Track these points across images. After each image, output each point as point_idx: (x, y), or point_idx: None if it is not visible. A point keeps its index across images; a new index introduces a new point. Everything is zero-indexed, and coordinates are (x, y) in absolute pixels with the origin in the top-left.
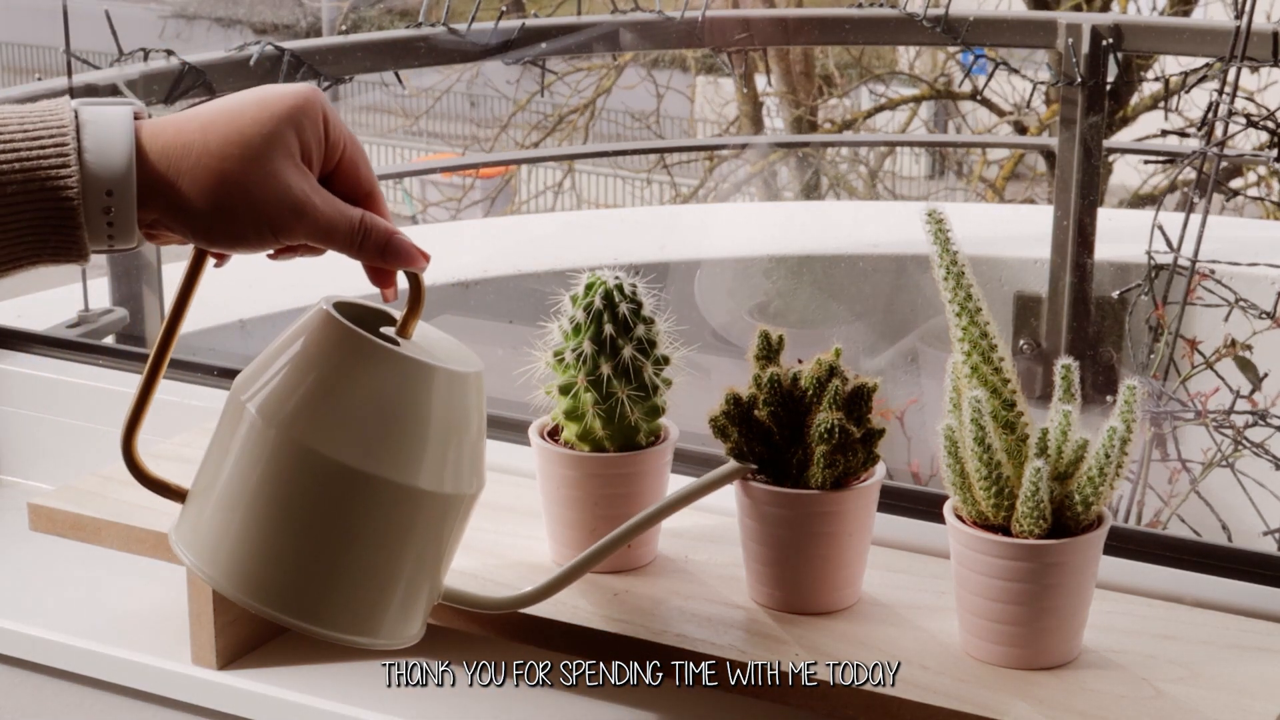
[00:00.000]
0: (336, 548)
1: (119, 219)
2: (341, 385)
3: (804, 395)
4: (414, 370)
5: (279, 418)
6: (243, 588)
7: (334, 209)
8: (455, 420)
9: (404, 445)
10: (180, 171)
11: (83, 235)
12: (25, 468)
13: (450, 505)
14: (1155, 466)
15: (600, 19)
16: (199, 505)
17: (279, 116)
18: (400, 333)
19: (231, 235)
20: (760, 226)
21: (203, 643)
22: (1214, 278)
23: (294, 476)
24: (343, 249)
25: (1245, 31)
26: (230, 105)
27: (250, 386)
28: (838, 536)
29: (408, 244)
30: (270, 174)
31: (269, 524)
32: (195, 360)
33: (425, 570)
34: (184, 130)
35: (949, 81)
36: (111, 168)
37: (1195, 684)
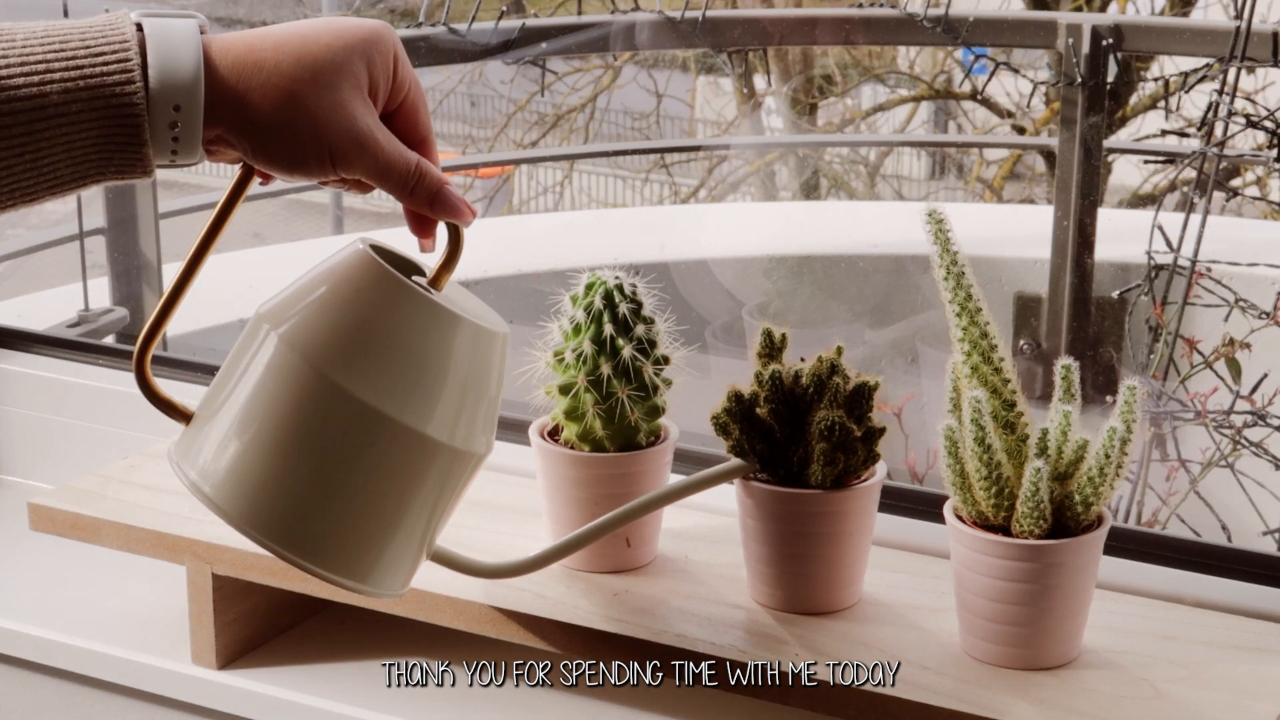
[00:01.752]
0: (341, 485)
1: (185, 133)
2: (369, 324)
3: (805, 393)
4: (443, 318)
5: (303, 348)
6: (240, 514)
7: (394, 148)
8: (476, 376)
9: (423, 391)
10: (251, 87)
11: (148, 152)
12: (25, 468)
13: (458, 460)
14: (1155, 467)
15: (600, 19)
16: (204, 427)
17: (352, 46)
18: (433, 284)
19: (293, 157)
20: (760, 226)
21: (203, 643)
22: (1213, 277)
23: (309, 408)
24: (394, 190)
25: (1245, 32)
26: (304, 29)
27: (276, 315)
28: (838, 536)
29: (457, 196)
30: (339, 103)
31: (276, 452)
32: (195, 360)
33: (422, 523)
34: (256, 47)
35: (949, 81)
36: (179, 81)
37: (1195, 684)
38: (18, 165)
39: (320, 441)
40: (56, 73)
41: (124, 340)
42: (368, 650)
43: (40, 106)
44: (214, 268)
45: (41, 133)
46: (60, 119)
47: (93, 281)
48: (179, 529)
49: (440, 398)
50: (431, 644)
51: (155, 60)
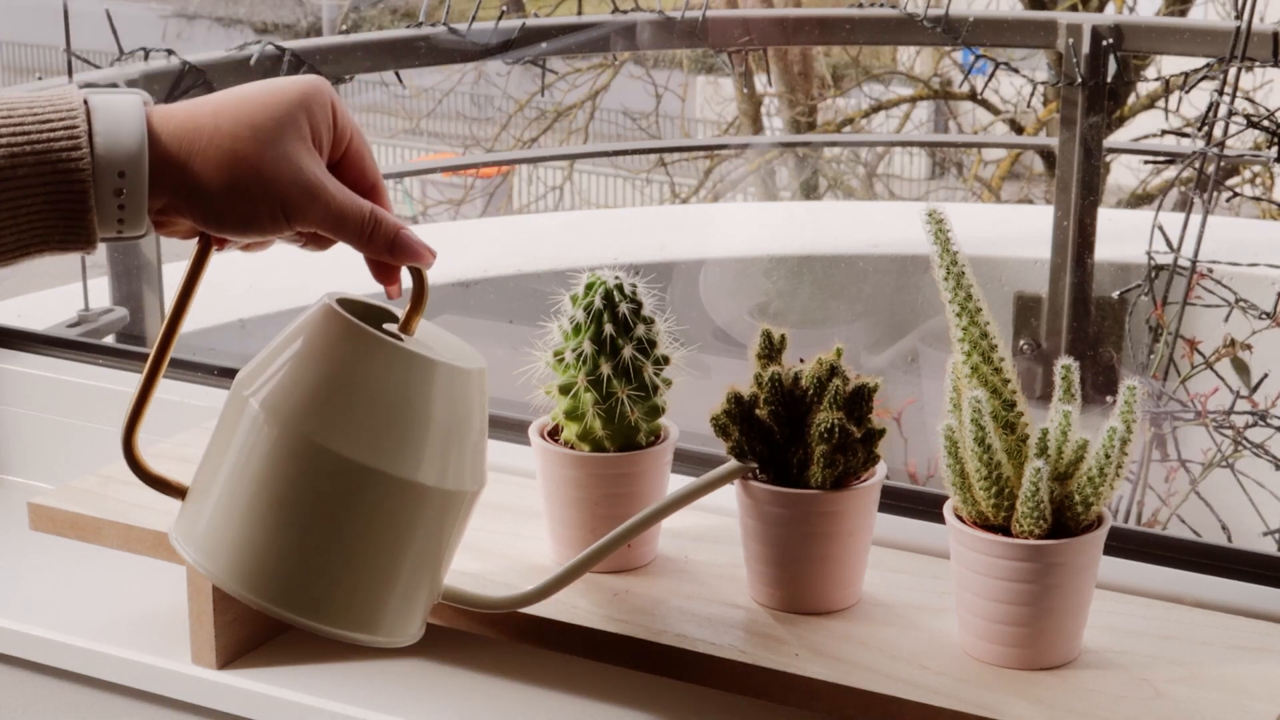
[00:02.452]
0: (337, 542)
1: (130, 202)
2: (344, 379)
3: (805, 394)
4: (417, 365)
5: (282, 412)
6: (243, 583)
7: (346, 196)
8: (458, 416)
9: (406, 440)
10: (192, 152)
11: (92, 220)
12: (25, 468)
13: (451, 502)
14: (1155, 467)
15: (600, 19)
16: (200, 501)
17: (290, 101)
18: (403, 329)
19: (244, 217)
20: (760, 226)
21: (203, 643)
22: (1213, 278)
23: (296, 470)
24: (351, 239)
25: (1245, 32)
26: (241, 91)
27: (253, 381)
28: (838, 536)
29: (415, 240)
30: (283, 155)
31: (270, 518)
32: (195, 360)
33: (425, 567)
34: (195, 114)
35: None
36: (124, 148)
37: (1195, 684)
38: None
39: (310, 503)
40: (3, 138)
41: (124, 340)
42: (367, 650)
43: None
44: (215, 268)
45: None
46: (5, 184)
47: (93, 281)
48: None
49: (424, 443)
50: (431, 644)
51: (101, 128)
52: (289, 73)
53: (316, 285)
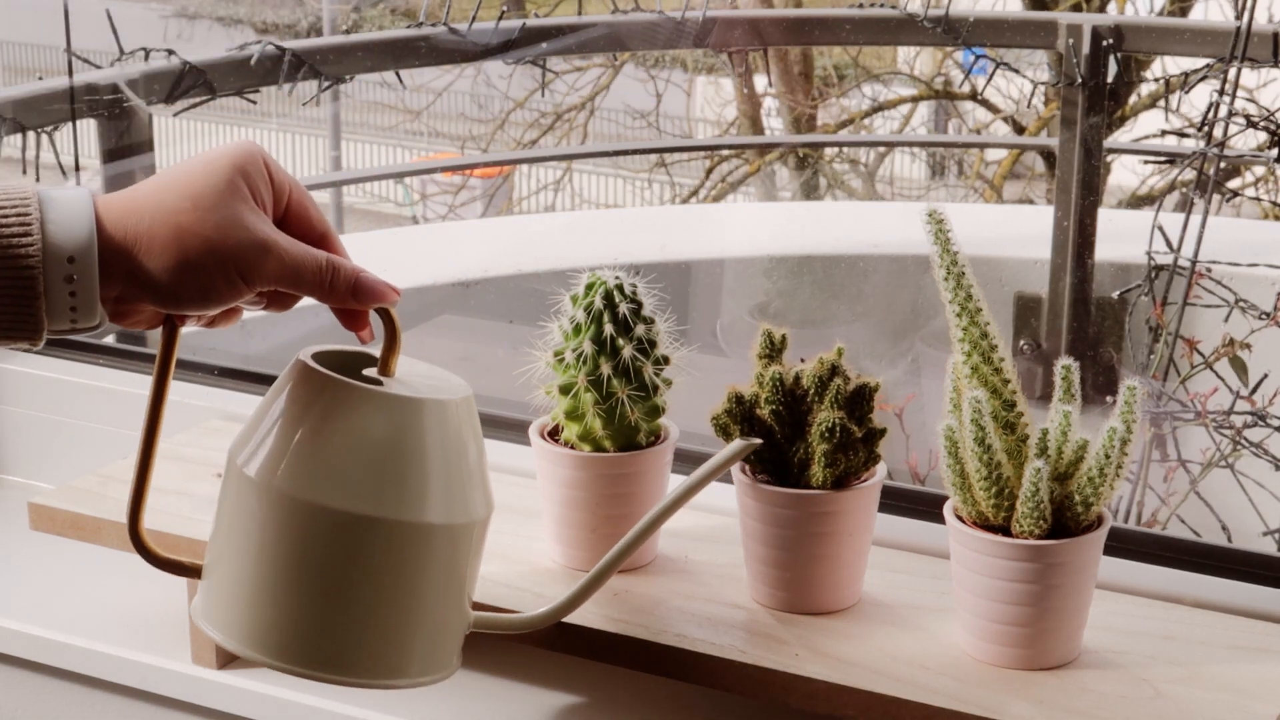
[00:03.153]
0: (354, 597)
1: (82, 289)
2: (330, 434)
3: (806, 394)
4: (400, 407)
5: (274, 477)
6: (272, 653)
7: (299, 248)
8: (451, 449)
9: (404, 483)
10: (138, 234)
11: (39, 307)
12: (25, 468)
13: (461, 534)
14: (1155, 467)
15: (600, 19)
16: (214, 577)
17: (224, 168)
18: (382, 371)
19: (200, 288)
20: (760, 226)
21: (203, 643)
22: (1213, 278)
23: (299, 533)
24: (312, 290)
25: (1245, 32)
26: (176, 168)
27: (243, 450)
28: (838, 536)
29: (375, 281)
30: (228, 220)
31: (283, 585)
32: (195, 360)
33: (448, 603)
34: (135, 196)
35: (948, 82)
36: (73, 236)
37: (1195, 684)
38: None
39: (319, 563)
40: None
41: (124, 340)
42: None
43: None
44: None
45: None
46: None
47: None
48: (179, 529)
49: (423, 483)
50: None
51: (52, 216)
52: (289, 73)
53: None
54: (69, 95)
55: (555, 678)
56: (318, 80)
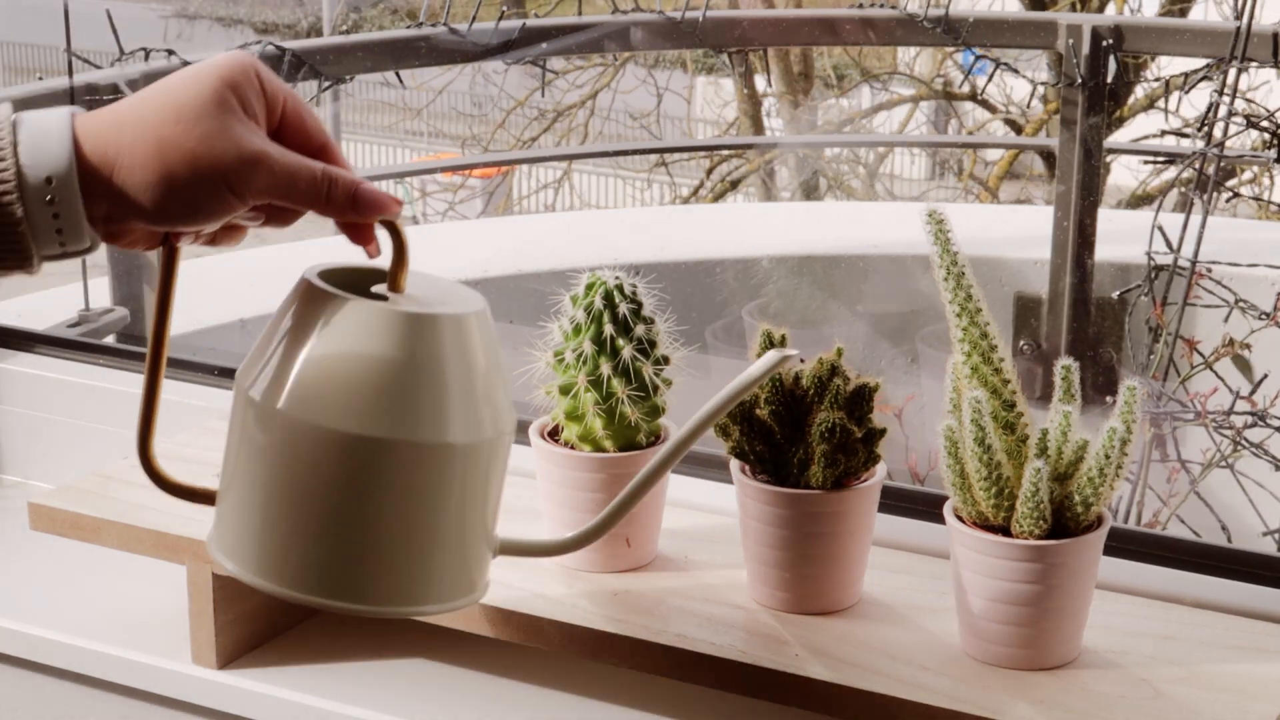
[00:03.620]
0: (370, 523)
1: (65, 212)
2: (337, 354)
3: (805, 394)
4: (410, 323)
5: (283, 401)
6: (288, 582)
7: (292, 158)
8: (465, 365)
9: (416, 402)
10: (119, 148)
11: (24, 234)
12: (25, 468)
13: (481, 453)
14: (1155, 467)
15: (600, 19)
16: (227, 505)
17: (212, 79)
18: (391, 287)
19: (187, 205)
20: (760, 226)
21: (203, 643)
22: (1212, 278)
23: (311, 458)
24: (308, 202)
25: (1245, 32)
26: (163, 81)
27: (250, 374)
28: (838, 536)
29: (376, 191)
30: (215, 131)
31: (299, 512)
32: (195, 360)
33: (470, 525)
34: (118, 110)
35: (948, 82)
36: (48, 156)
37: (1195, 684)
38: None
39: (334, 488)
40: None
41: (124, 340)
42: (368, 650)
43: None
44: (215, 268)
45: None
46: None
47: (93, 281)
48: (179, 529)
49: (437, 400)
50: (431, 644)
51: (25, 138)
52: (289, 73)
53: None
54: (69, 95)
55: (555, 677)
56: (318, 80)
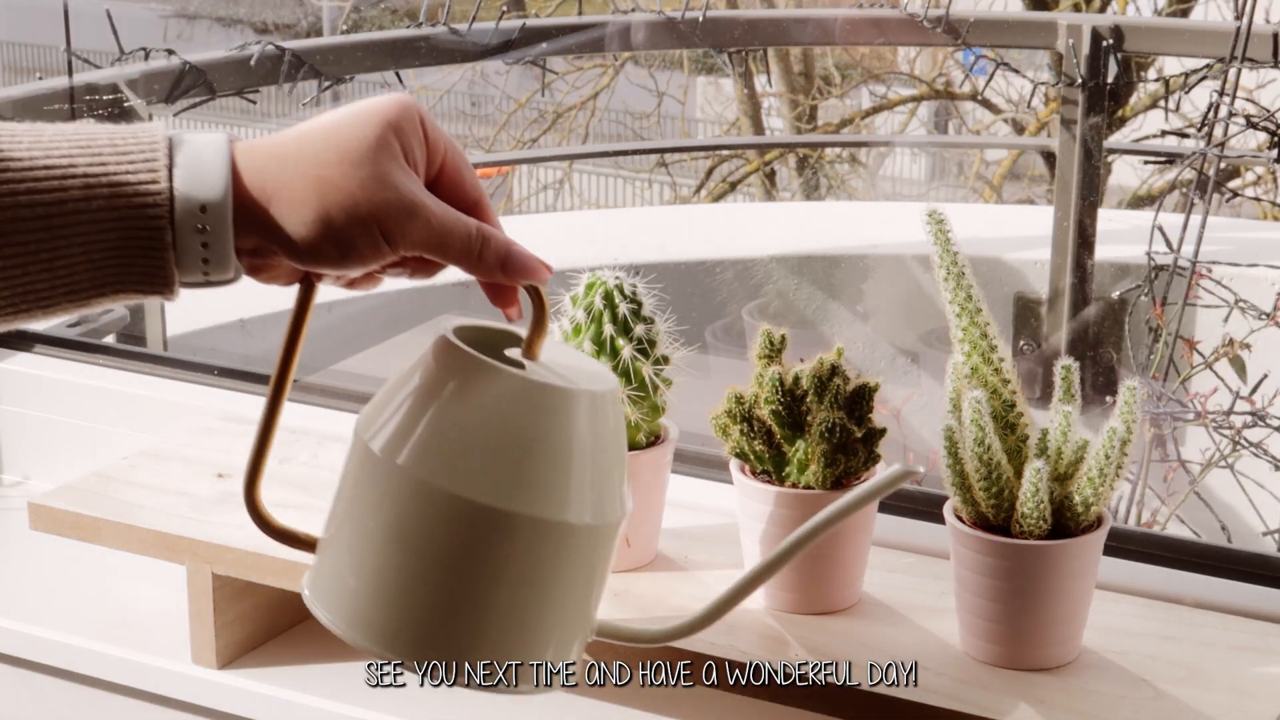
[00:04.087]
0: (477, 592)
1: (215, 241)
2: (467, 417)
3: (805, 394)
4: (545, 395)
5: (403, 456)
6: (381, 642)
7: (449, 213)
8: (595, 445)
9: (544, 477)
10: (278, 184)
11: (168, 259)
12: (25, 467)
13: (598, 536)
14: (1155, 467)
15: (600, 19)
16: (330, 555)
17: (376, 122)
18: (526, 354)
19: (339, 249)
20: (760, 226)
21: (203, 643)
22: (1212, 278)
23: (425, 518)
24: (458, 260)
25: (1245, 32)
26: (325, 118)
27: (371, 424)
28: (838, 536)
29: (529, 255)
30: (376, 176)
31: (402, 572)
32: (195, 360)
33: (576, 608)
34: (280, 144)
35: (949, 82)
36: (206, 184)
37: (1195, 684)
38: (32, 266)
39: (442, 553)
40: (80, 169)
41: (124, 340)
42: (366, 650)
43: (59, 201)
44: None
45: (59, 230)
46: (78, 216)
47: None
48: (179, 529)
49: (564, 479)
50: None
51: (182, 163)
52: (289, 73)
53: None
54: (69, 95)
55: None
56: (318, 80)
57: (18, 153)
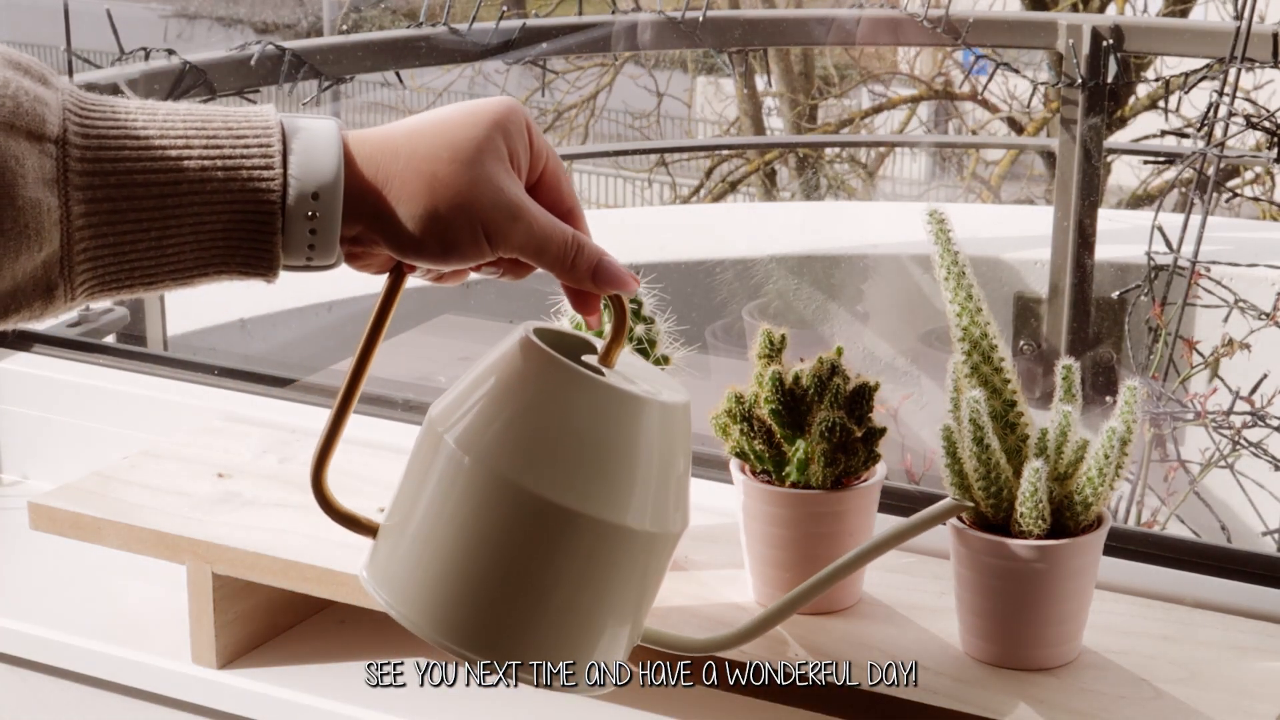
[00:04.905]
0: (541, 588)
1: (323, 228)
2: (546, 417)
3: (805, 394)
4: (622, 402)
5: (479, 450)
6: (439, 629)
7: (549, 219)
8: (664, 455)
9: (613, 481)
10: (389, 176)
11: (276, 243)
12: (25, 467)
13: (658, 544)
14: (1155, 467)
15: (600, 19)
16: (392, 541)
17: (486, 123)
18: (603, 361)
19: (443, 242)
20: (760, 226)
21: (203, 642)
22: (1212, 278)
23: (495, 512)
24: (552, 266)
25: (1245, 32)
26: (435, 114)
27: (448, 418)
28: (838, 536)
29: (618, 267)
30: (484, 177)
31: (467, 562)
32: (195, 360)
33: (629, 613)
34: (391, 136)
35: (948, 82)
36: (319, 171)
37: (1195, 684)
38: (141, 242)
39: (512, 548)
40: (196, 149)
41: (124, 340)
42: (368, 650)
43: (175, 181)
44: None
45: (171, 209)
46: (192, 198)
47: None
48: (179, 529)
49: (631, 485)
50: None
51: (298, 148)
52: (289, 73)
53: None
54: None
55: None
56: (318, 80)
57: (133, 130)
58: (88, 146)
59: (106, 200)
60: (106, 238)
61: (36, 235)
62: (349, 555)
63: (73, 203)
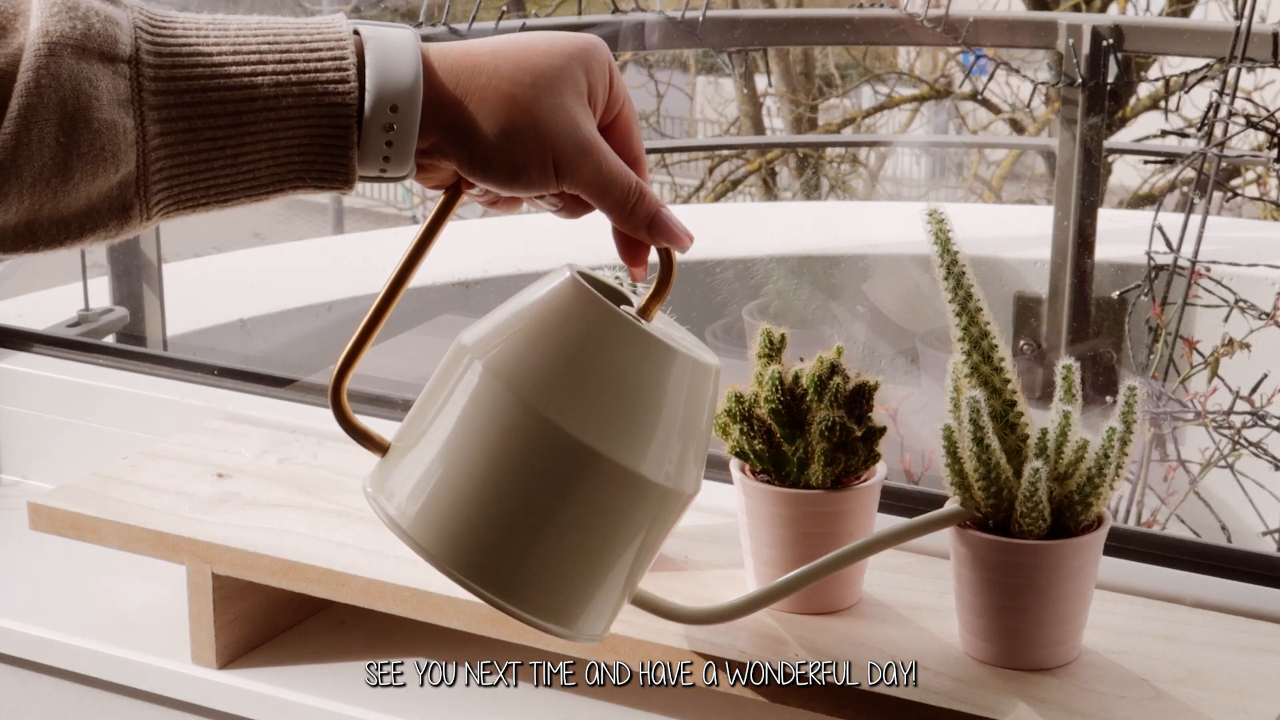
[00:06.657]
0: (548, 524)
1: (399, 139)
2: (581, 355)
3: (805, 393)
4: (658, 351)
5: (511, 378)
6: (439, 552)
7: (617, 162)
8: (689, 411)
9: (635, 427)
10: (469, 90)
11: (352, 157)
12: (25, 468)
13: (668, 499)
14: (1155, 467)
15: (601, 19)
16: (404, 459)
17: (571, 54)
18: (643, 314)
19: (513, 165)
20: (760, 226)
21: (203, 642)
22: (1212, 278)
23: (517, 441)
24: (612, 209)
25: (1245, 32)
26: (520, 38)
27: (480, 343)
28: (838, 536)
29: (675, 220)
30: (561, 107)
31: (481, 487)
32: (195, 360)
33: (629, 563)
34: (474, 52)
35: (949, 82)
36: (397, 82)
37: (1195, 684)
38: (217, 160)
39: (527, 478)
40: (269, 64)
41: (124, 340)
42: (368, 650)
43: (249, 99)
44: (214, 268)
45: (247, 126)
46: (267, 113)
47: (93, 281)
48: (179, 529)
49: (654, 434)
50: (431, 643)
51: (373, 60)
52: None
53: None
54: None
55: (555, 677)
56: None
57: (205, 47)
58: (161, 65)
59: (182, 120)
60: (182, 157)
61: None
62: (349, 555)
63: (148, 123)
